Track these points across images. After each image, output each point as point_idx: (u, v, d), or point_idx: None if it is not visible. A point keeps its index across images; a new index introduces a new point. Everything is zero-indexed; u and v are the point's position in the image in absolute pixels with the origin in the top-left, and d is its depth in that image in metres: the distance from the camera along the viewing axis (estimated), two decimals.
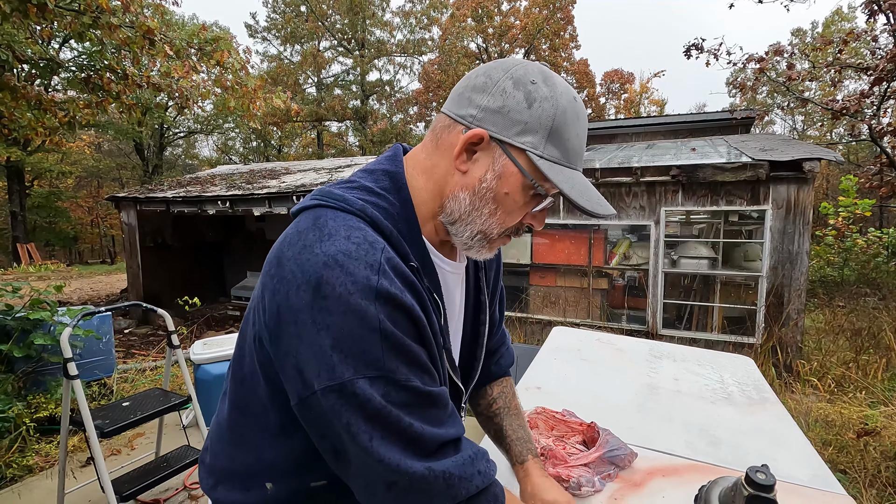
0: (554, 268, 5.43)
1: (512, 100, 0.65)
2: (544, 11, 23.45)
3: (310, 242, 0.61)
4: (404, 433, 0.60)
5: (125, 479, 2.22)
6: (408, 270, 0.64)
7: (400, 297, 0.60)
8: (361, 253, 0.60)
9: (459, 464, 0.64)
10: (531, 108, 0.65)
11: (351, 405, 0.57)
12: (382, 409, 0.58)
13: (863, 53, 9.71)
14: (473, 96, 0.68)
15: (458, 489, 0.63)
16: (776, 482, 0.79)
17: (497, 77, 0.67)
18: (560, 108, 0.66)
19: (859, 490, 2.54)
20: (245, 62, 5.50)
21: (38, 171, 19.80)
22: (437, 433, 0.63)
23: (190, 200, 7.14)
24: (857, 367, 4.20)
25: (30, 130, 4.60)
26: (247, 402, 0.72)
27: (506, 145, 0.66)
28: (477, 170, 0.68)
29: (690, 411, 1.46)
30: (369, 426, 0.58)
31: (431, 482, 0.60)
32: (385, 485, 0.60)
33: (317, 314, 0.57)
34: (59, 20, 4.04)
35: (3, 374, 3.21)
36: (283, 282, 0.60)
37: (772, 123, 25.09)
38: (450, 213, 0.71)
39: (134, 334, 6.99)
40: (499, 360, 1.07)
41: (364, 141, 24.43)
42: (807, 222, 4.25)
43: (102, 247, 27.94)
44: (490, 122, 0.66)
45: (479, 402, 1.06)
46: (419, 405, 0.62)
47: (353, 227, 0.63)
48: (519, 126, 0.66)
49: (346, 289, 0.57)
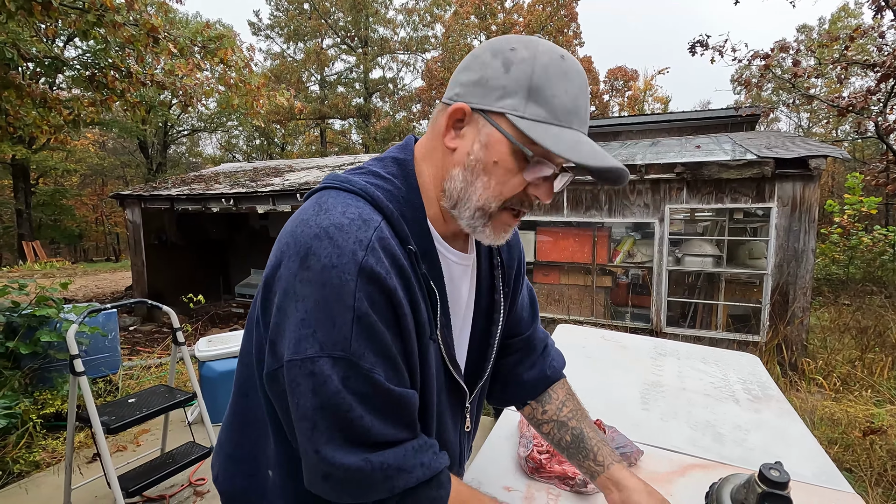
0: (558, 265, 5.42)
1: (490, 69, 0.64)
2: (548, 8, 23.37)
3: (307, 216, 0.62)
4: (351, 424, 0.59)
5: (131, 475, 2.24)
6: (400, 253, 0.63)
7: (384, 277, 0.59)
8: (353, 228, 0.59)
9: (400, 455, 0.62)
10: (508, 72, 0.63)
11: (307, 385, 0.58)
12: (336, 394, 0.57)
13: (869, 50, 9.64)
14: (458, 76, 0.68)
15: (395, 481, 0.61)
16: (790, 479, 0.78)
17: (478, 53, 0.67)
18: (539, 64, 0.62)
19: (865, 489, 2.53)
20: (248, 60, 5.51)
21: (43, 168, 19.91)
22: (386, 432, 0.61)
23: (194, 198, 7.16)
24: (863, 366, 4.18)
25: (35, 128, 4.62)
26: (249, 386, 0.73)
27: (487, 113, 0.64)
28: (465, 144, 0.67)
29: (695, 409, 1.46)
30: (315, 414, 0.58)
31: (368, 474, 0.59)
32: (322, 475, 0.60)
33: (297, 284, 0.58)
34: (63, 18, 4.06)
35: (10, 370, 3.23)
36: (278, 254, 0.63)
37: (777, 121, 24.94)
38: (449, 196, 0.69)
39: (139, 331, 7.03)
40: (552, 363, 0.99)
41: (367, 138, 24.43)
42: (812, 220, 4.22)
43: (107, 244, 28.06)
44: (471, 95, 0.65)
45: (545, 409, 0.96)
46: (374, 399, 0.60)
47: (351, 204, 0.63)
48: (498, 91, 0.63)
49: (331, 261, 0.57)
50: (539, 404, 0.96)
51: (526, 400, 0.98)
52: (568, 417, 0.93)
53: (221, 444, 0.81)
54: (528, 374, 0.97)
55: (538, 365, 0.98)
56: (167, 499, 2.54)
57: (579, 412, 0.95)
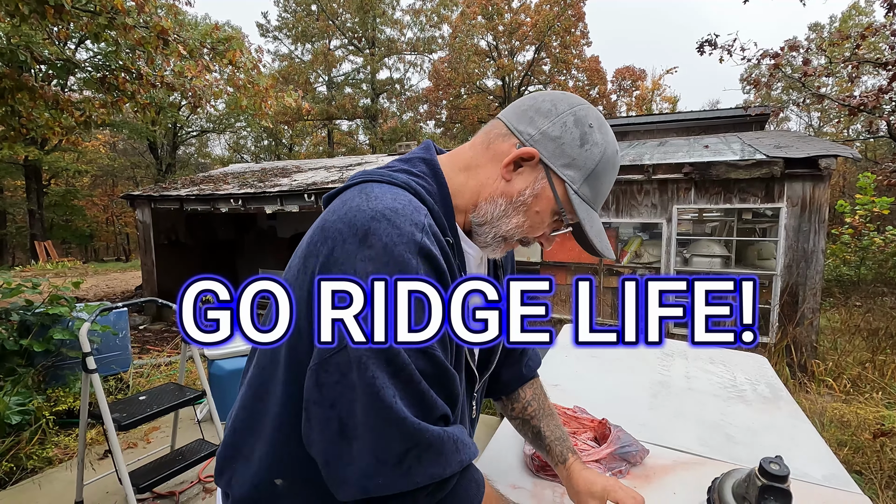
0: (564, 266, 5.41)
1: (569, 134, 0.72)
2: (555, 8, 23.29)
3: (356, 204, 0.64)
4: (422, 396, 0.60)
5: (142, 472, 2.27)
6: (444, 242, 0.68)
7: (439, 259, 0.64)
8: (408, 212, 0.63)
9: (459, 430, 0.65)
10: (582, 147, 0.72)
11: (379, 358, 0.57)
12: (406, 366, 0.59)
13: (881, 48, 9.52)
14: (536, 118, 0.74)
15: (462, 454, 0.64)
16: (790, 473, 0.79)
17: (562, 109, 0.74)
18: (605, 157, 0.74)
19: (875, 492, 2.51)
20: (257, 61, 5.55)
21: (55, 169, 20.15)
22: (442, 405, 0.64)
23: (203, 199, 7.22)
24: (874, 368, 4.13)
25: (47, 130, 4.68)
26: (265, 390, 0.72)
27: (550, 171, 0.73)
28: (519, 182, 0.74)
29: (703, 409, 1.45)
30: (393, 382, 0.58)
31: (445, 443, 0.61)
32: (399, 453, 0.58)
33: (359, 263, 0.59)
34: (75, 21, 4.11)
35: (24, 367, 3.28)
36: (329, 241, 0.62)
37: (787, 120, 24.71)
38: (482, 215, 0.76)
39: (149, 330, 7.10)
40: (527, 362, 1.07)
41: (374, 139, 24.50)
42: (822, 220, 4.18)
43: (117, 244, 28.36)
44: (543, 146, 0.73)
45: (513, 407, 1.05)
46: (433, 375, 0.62)
47: (399, 194, 0.67)
48: (567, 159, 0.73)
49: (392, 240, 0.59)
50: (510, 401, 1.06)
51: (500, 395, 1.07)
52: (530, 416, 1.03)
53: (232, 447, 0.78)
54: (506, 372, 1.04)
55: (517, 364, 1.05)
56: (177, 495, 2.57)
57: (541, 411, 1.04)
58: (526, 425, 1.04)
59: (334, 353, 0.59)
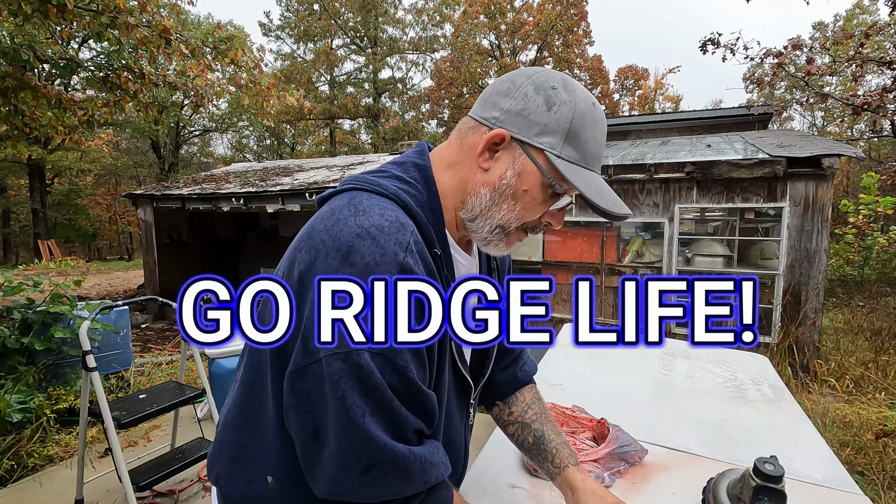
0: (566, 265, 5.39)
1: (532, 103, 0.69)
2: (557, 7, 23.27)
3: (343, 216, 0.63)
4: (393, 414, 0.61)
5: (142, 470, 2.27)
6: (430, 257, 0.67)
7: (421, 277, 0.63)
8: (393, 230, 0.62)
9: (430, 451, 0.66)
10: (550, 111, 0.69)
11: (352, 376, 0.58)
12: (379, 385, 0.59)
13: (885, 47, 9.46)
14: (497, 100, 0.72)
15: (429, 475, 0.64)
16: (784, 473, 0.78)
17: (520, 82, 0.71)
18: (578, 111, 0.69)
19: (877, 493, 2.49)
20: (259, 60, 5.55)
21: (59, 169, 20.24)
22: (415, 421, 0.64)
23: (205, 198, 7.23)
24: (877, 368, 4.11)
25: (50, 129, 4.70)
26: (259, 388, 0.72)
27: (525, 145, 0.70)
28: (498, 168, 0.72)
29: (703, 409, 1.45)
30: (364, 401, 0.58)
31: (411, 463, 0.62)
32: (363, 467, 0.60)
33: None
34: (78, 20, 4.12)
35: (25, 366, 3.30)
36: (312, 251, 0.63)
37: (790, 119, 24.58)
38: (471, 209, 0.75)
39: (150, 329, 7.12)
40: (522, 367, 1.04)
41: (376, 138, 24.50)
42: (825, 220, 4.16)
43: (120, 243, 28.45)
44: (511, 124, 0.70)
45: (511, 411, 1.01)
46: (407, 394, 0.62)
47: (387, 207, 0.66)
48: (538, 127, 0.69)
49: (374, 259, 0.59)
50: (506, 405, 1.02)
51: (495, 400, 1.03)
52: (532, 420, 0.98)
53: (222, 444, 0.78)
54: (500, 376, 1.01)
55: (511, 368, 1.02)
56: (177, 493, 2.57)
57: (543, 415, 1.00)
58: (526, 429, 0.99)
59: (310, 364, 0.60)
